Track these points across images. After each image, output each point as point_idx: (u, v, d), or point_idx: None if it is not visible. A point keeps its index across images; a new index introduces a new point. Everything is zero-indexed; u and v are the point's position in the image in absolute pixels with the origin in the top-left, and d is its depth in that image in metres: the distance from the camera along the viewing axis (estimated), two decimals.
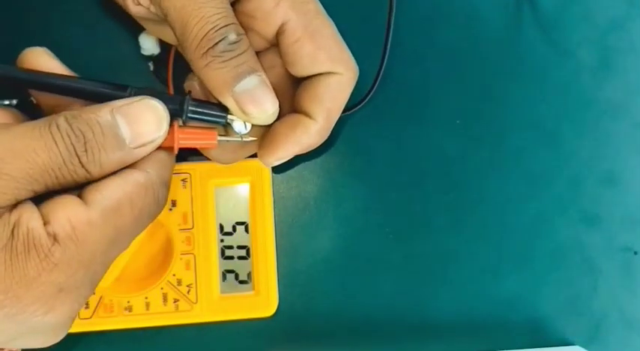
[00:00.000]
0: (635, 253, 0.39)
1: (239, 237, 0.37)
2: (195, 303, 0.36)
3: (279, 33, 0.30)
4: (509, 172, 0.39)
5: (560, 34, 0.39)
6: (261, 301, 0.36)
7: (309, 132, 0.31)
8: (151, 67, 0.37)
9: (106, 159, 0.25)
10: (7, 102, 0.35)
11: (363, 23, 0.37)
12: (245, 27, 0.30)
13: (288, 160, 0.32)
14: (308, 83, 0.31)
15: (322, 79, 0.30)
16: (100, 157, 0.25)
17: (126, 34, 0.36)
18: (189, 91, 0.30)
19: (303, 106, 0.31)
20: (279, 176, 0.38)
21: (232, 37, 0.28)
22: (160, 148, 0.27)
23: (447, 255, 0.38)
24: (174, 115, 0.28)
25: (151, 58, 0.36)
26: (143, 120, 0.26)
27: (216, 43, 0.27)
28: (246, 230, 0.37)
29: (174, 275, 0.36)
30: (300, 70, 0.30)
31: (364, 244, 0.38)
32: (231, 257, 0.37)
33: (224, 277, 0.36)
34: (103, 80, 0.29)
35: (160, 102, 0.27)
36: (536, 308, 0.39)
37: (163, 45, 0.36)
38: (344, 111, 0.34)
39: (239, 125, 0.30)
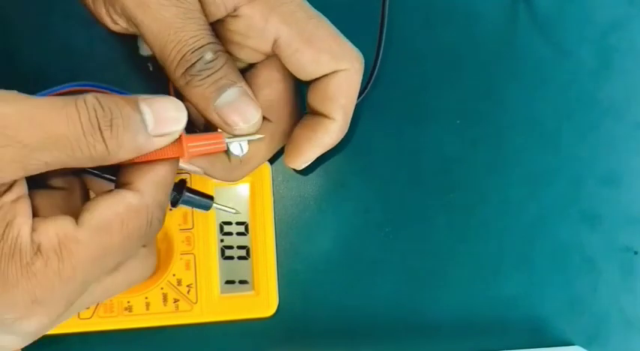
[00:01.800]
0: (635, 253, 0.39)
1: (239, 237, 0.37)
2: (195, 303, 0.36)
3: (275, 47, 0.30)
4: (509, 173, 0.39)
5: (560, 34, 0.39)
6: (261, 301, 0.36)
7: (330, 132, 0.32)
8: (151, 68, 0.37)
9: (127, 140, 0.25)
10: None
11: (359, 22, 0.37)
12: (238, 43, 0.30)
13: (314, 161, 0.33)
14: (318, 84, 0.31)
15: (330, 79, 0.31)
16: (123, 136, 0.25)
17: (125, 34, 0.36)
18: (184, 180, 0.31)
19: (319, 107, 0.31)
20: (279, 176, 0.38)
21: (209, 56, 0.28)
22: (160, 163, 0.27)
23: (447, 255, 0.38)
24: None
25: (150, 58, 0.36)
26: (166, 110, 0.26)
27: (193, 64, 0.28)
28: (246, 230, 0.37)
29: (174, 275, 0.36)
30: (307, 75, 0.31)
31: (364, 244, 0.38)
32: (231, 257, 0.37)
33: (224, 277, 0.36)
34: None
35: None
36: (536, 308, 0.39)
37: None
38: None
39: (236, 147, 0.30)
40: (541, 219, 0.39)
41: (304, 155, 0.32)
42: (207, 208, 0.32)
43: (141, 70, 0.37)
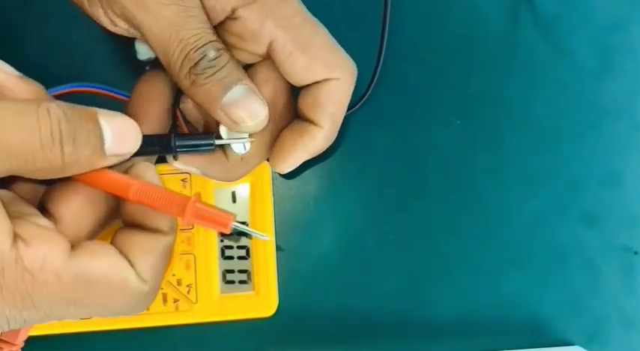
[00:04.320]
0: (635, 253, 0.39)
1: (239, 237, 0.37)
2: (195, 303, 0.36)
3: (269, 50, 0.30)
4: (510, 172, 0.39)
5: (560, 34, 0.39)
6: (261, 301, 0.36)
7: (316, 139, 0.31)
8: None
9: (84, 156, 0.24)
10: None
11: (359, 23, 0.37)
12: (235, 46, 0.30)
13: (300, 165, 0.33)
14: (308, 91, 0.31)
15: (321, 86, 0.31)
16: (83, 151, 0.24)
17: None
18: (171, 130, 0.30)
19: (307, 113, 0.31)
20: (279, 176, 0.38)
21: (212, 54, 0.28)
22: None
23: (447, 255, 0.38)
24: (165, 152, 0.29)
25: (147, 62, 0.36)
26: (126, 130, 0.26)
27: (197, 62, 0.28)
28: None
29: (174, 275, 0.36)
30: (299, 81, 0.31)
31: (364, 244, 0.38)
32: (231, 257, 0.37)
33: (224, 277, 0.36)
34: None
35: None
36: (536, 308, 0.39)
37: None
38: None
39: (238, 147, 0.30)
40: (541, 219, 0.39)
41: (288, 160, 0.32)
42: (210, 149, 0.29)
43: (141, 71, 0.37)
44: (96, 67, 0.37)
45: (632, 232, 0.39)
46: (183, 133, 0.30)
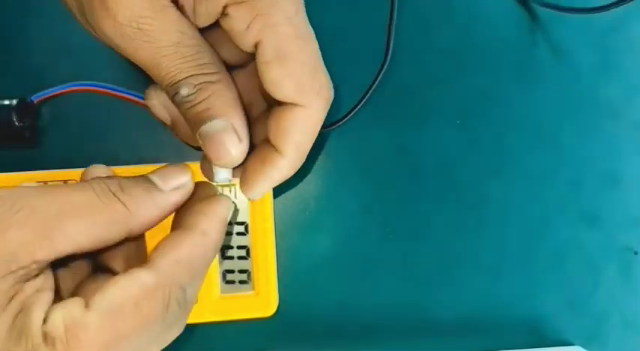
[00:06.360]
0: (635, 253, 0.39)
1: (239, 237, 0.37)
2: (196, 303, 0.36)
3: (255, 49, 0.29)
4: (510, 173, 0.39)
5: (560, 34, 0.39)
6: (261, 301, 0.36)
7: (280, 167, 0.29)
8: None
9: (141, 194, 0.26)
10: (7, 102, 0.35)
11: (363, 23, 0.37)
12: (225, 41, 0.29)
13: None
14: (276, 112, 0.29)
15: (289, 111, 0.29)
16: (135, 190, 0.26)
17: None
18: None
19: (271, 137, 0.30)
20: None
21: (184, 91, 0.28)
22: (185, 241, 0.27)
23: (447, 255, 0.38)
24: None
25: None
26: (167, 168, 0.28)
27: (173, 96, 0.28)
28: (246, 230, 0.37)
29: None
30: (271, 93, 0.29)
31: (364, 244, 0.38)
32: (231, 257, 0.37)
33: (224, 277, 0.36)
34: None
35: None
36: (536, 308, 0.39)
37: None
38: (345, 116, 0.33)
39: (222, 174, 0.30)
40: (541, 219, 0.39)
41: (255, 188, 0.30)
42: None
43: (141, 70, 0.37)
44: (96, 67, 0.37)
45: (632, 232, 0.39)
46: None
